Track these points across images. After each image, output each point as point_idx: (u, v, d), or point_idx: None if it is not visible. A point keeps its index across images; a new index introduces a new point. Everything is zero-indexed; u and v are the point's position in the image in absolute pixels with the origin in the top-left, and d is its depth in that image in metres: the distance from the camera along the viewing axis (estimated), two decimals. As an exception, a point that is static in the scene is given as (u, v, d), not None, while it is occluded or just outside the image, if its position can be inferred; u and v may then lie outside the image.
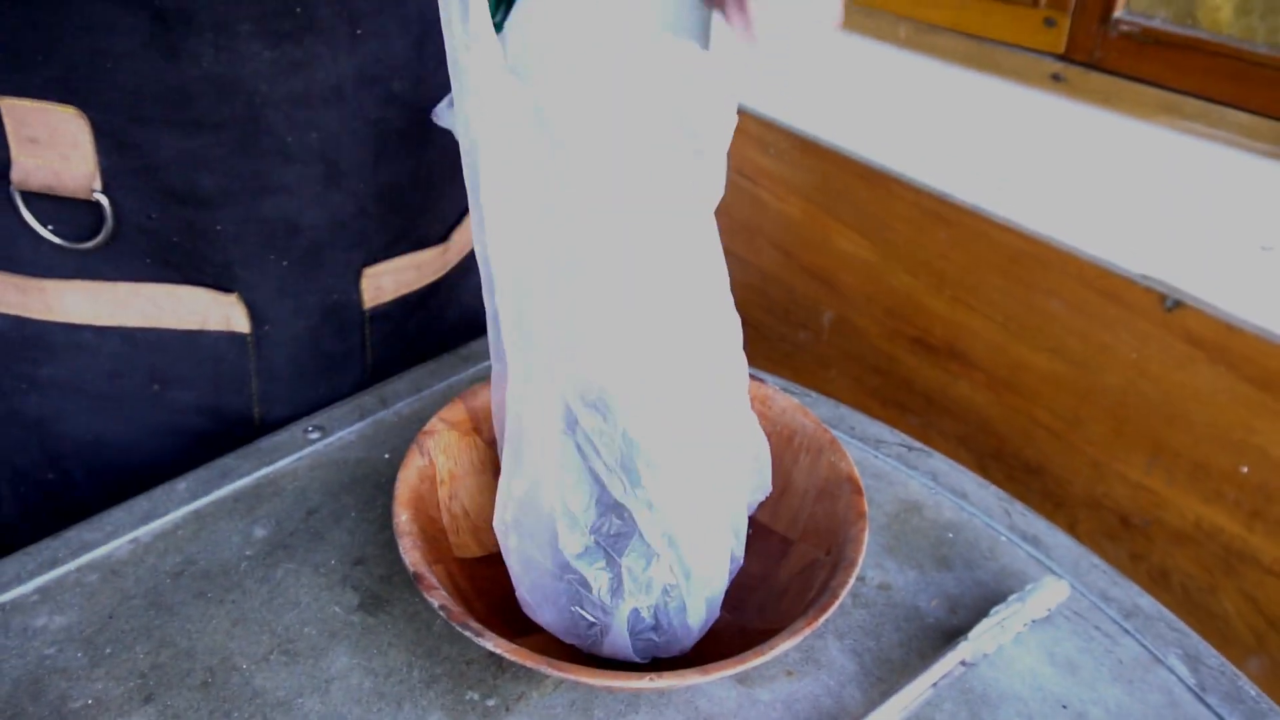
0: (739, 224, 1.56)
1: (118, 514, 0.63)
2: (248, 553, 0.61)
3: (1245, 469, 1.04)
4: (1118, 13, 1.00)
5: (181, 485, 0.65)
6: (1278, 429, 1.01)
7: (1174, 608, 1.16)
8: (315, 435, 0.70)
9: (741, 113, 1.48)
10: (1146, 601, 0.61)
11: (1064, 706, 0.54)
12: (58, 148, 0.60)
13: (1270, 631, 1.09)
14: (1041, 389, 1.20)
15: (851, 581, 0.51)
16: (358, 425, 0.71)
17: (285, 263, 0.68)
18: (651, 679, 0.46)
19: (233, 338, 0.69)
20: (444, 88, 0.52)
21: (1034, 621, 0.58)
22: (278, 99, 0.60)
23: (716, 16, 0.51)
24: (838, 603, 0.50)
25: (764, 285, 1.55)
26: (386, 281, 0.74)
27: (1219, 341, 1.03)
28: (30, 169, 0.60)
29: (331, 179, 0.65)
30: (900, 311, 1.34)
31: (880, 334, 1.38)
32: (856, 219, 1.36)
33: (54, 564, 0.59)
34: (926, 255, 1.28)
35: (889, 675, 0.55)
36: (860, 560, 0.52)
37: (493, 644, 0.47)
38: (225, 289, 0.67)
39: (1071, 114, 1.09)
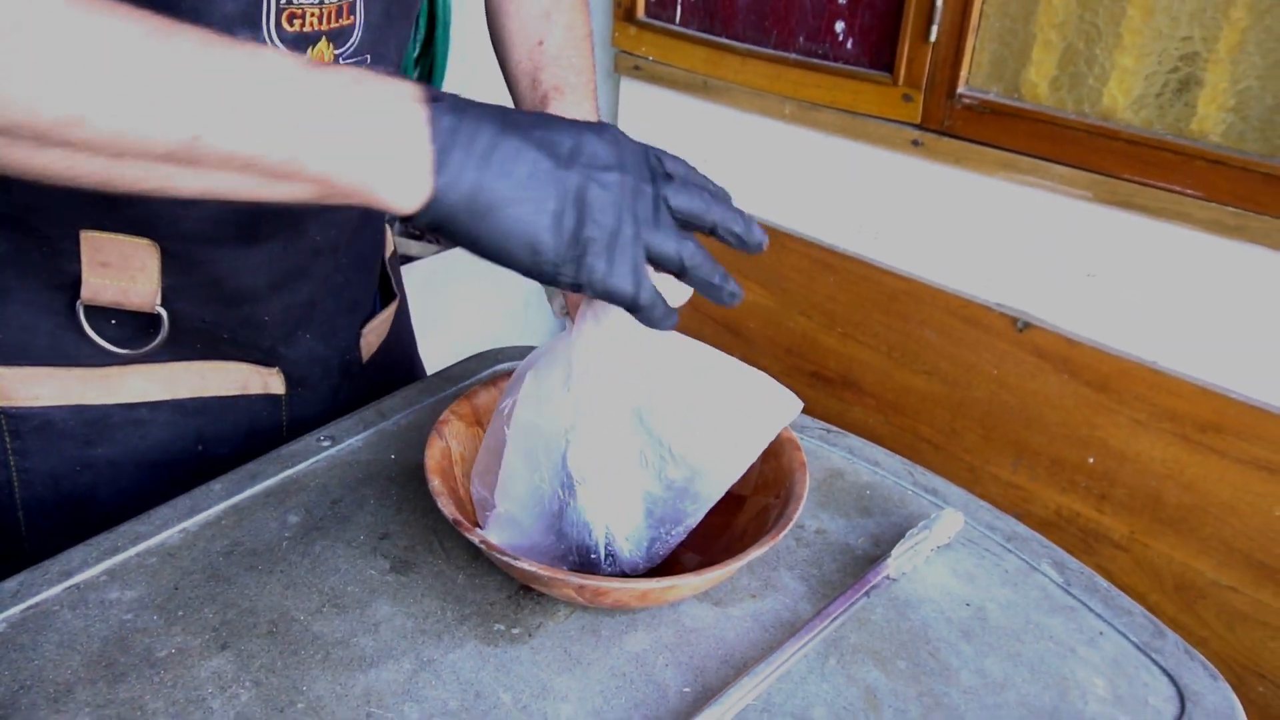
0: (648, 284, 1.73)
1: (163, 510, 0.71)
2: (286, 535, 0.70)
3: (1092, 459, 1.23)
4: (960, 89, 1.23)
5: (217, 486, 0.74)
6: (1115, 423, 1.21)
7: (1047, 592, 1.34)
8: (327, 443, 0.80)
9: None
10: (1022, 529, 0.77)
11: (967, 604, 0.69)
12: (128, 271, 0.65)
13: (1126, 601, 1.28)
14: (922, 408, 1.39)
15: (800, 510, 0.65)
16: (363, 434, 0.82)
17: (309, 336, 0.79)
18: (657, 581, 0.59)
19: (269, 399, 0.79)
20: None
21: (939, 548, 0.73)
22: (316, 207, 0.69)
23: None
24: (793, 522, 0.64)
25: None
26: (373, 337, 0.88)
27: (1062, 354, 1.23)
28: (99, 288, 0.65)
29: (334, 260, 0.78)
30: (799, 350, 1.51)
31: (782, 371, 1.55)
32: (757, 272, 1.54)
33: (114, 551, 0.67)
34: (818, 299, 1.46)
35: (831, 592, 0.69)
36: (805, 495, 0.66)
37: (528, 564, 0.58)
38: (267, 364, 0.77)
39: (930, 172, 1.30)
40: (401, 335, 0.94)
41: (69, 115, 0.37)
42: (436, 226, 0.48)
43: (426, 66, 1.58)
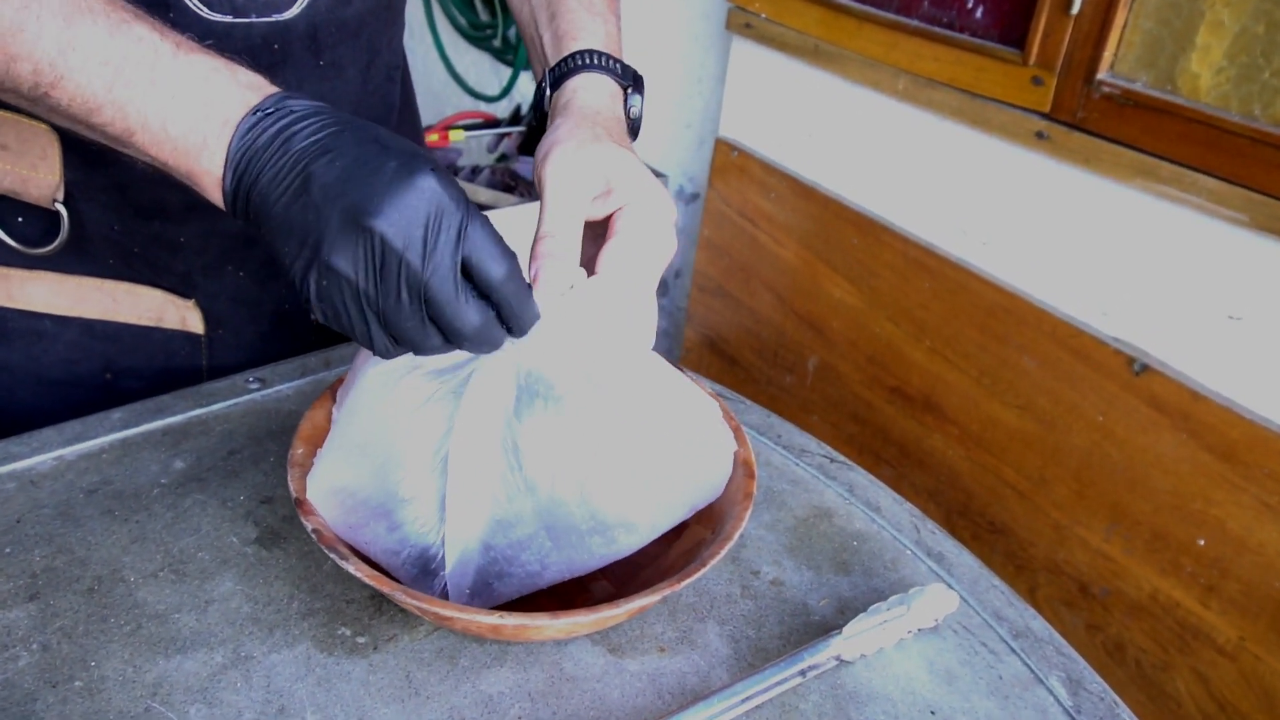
0: (737, 265, 1.58)
1: (48, 432, 0.65)
2: (163, 480, 0.62)
3: (1202, 541, 1.02)
4: (1102, 74, 1.02)
5: (116, 415, 0.67)
6: (1237, 502, 0.99)
7: (1127, 684, 1.13)
8: (255, 385, 0.72)
9: (747, 155, 1.52)
10: (1039, 625, 0.60)
11: (932, 713, 0.53)
12: (27, 157, 0.62)
13: (1220, 716, 1.06)
14: (1010, 446, 1.19)
15: (724, 553, 0.52)
16: (297, 381, 0.73)
17: (242, 274, 0.71)
18: (501, 616, 0.47)
19: (187, 337, 0.72)
20: (382, 110, 0.65)
21: (920, 630, 0.58)
22: None
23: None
24: (704, 570, 0.51)
25: (757, 327, 1.56)
26: None
27: (1183, 408, 1.02)
28: None
29: None
30: (881, 359, 1.34)
31: (861, 381, 1.38)
32: (846, 265, 1.37)
33: (-25, 469, 0.61)
34: (909, 304, 1.29)
35: (761, 663, 0.55)
36: (737, 535, 0.53)
37: (354, 568, 0.48)
38: (184, 294, 0.71)
39: (1053, 172, 1.10)
40: None
41: None
42: (254, 225, 0.48)
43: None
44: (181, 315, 0.71)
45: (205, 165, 0.47)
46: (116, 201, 0.64)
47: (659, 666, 0.54)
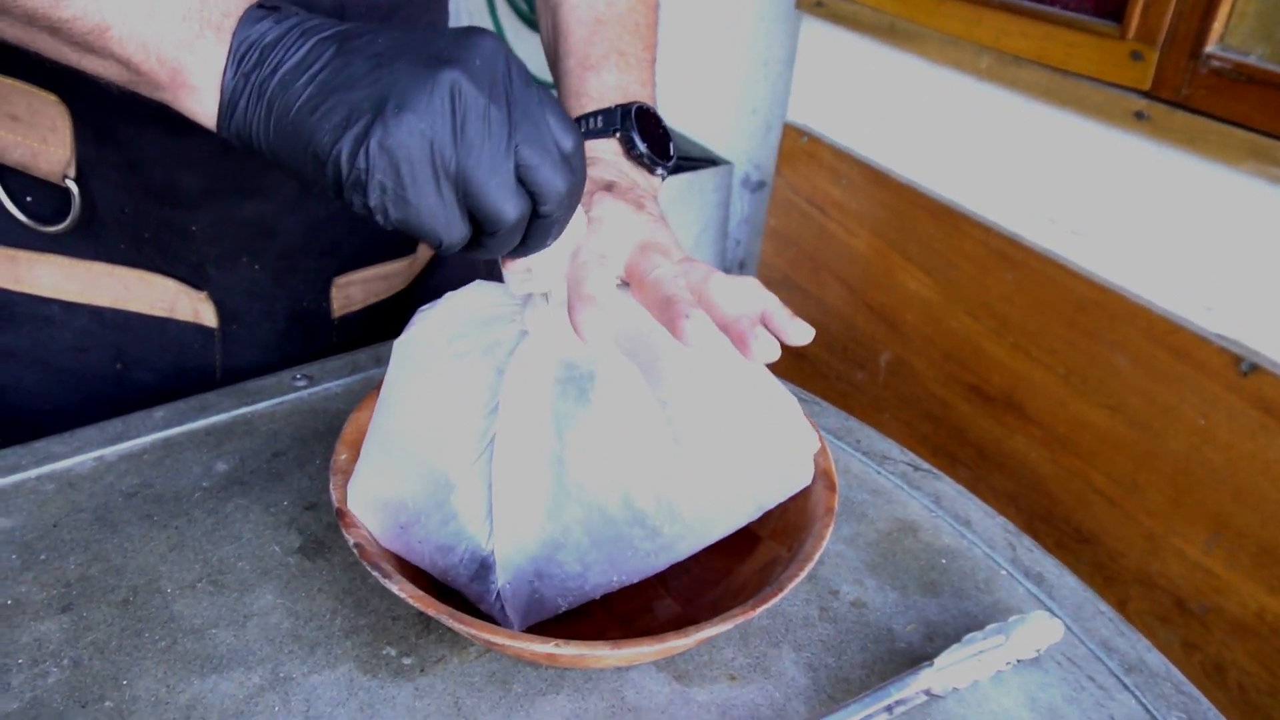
0: (805, 256, 1.52)
1: (89, 431, 0.62)
2: (204, 484, 0.59)
3: (1318, 557, 0.94)
4: (1210, 47, 0.94)
5: (159, 414, 0.65)
6: (1358, 516, 0.91)
7: (1229, 709, 1.05)
8: (302, 383, 0.69)
9: (816, 140, 1.45)
10: (1154, 658, 0.54)
11: (1036, 755, 0.48)
12: (37, 129, 0.60)
13: (1336, 745, 0.97)
14: (1100, 449, 1.12)
15: (803, 575, 0.47)
16: (346, 379, 0.70)
17: (258, 266, 0.68)
18: (557, 644, 0.42)
19: (200, 330, 0.69)
20: None
21: (1020, 661, 0.52)
22: None
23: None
24: (781, 595, 0.46)
25: (826, 321, 1.50)
26: (356, 291, 0.74)
27: (1298, 413, 0.94)
28: (8, 144, 0.60)
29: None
30: (959, 356, 1.27)
31: (937, 378, 1.31)
32: (923, 256, 1.30)
33: (14, 470, 0.59)
34: (990, 298, 1.21)
35: (842, 696, 0.50)
36: (817, 555, 0.48)
37: (397, 587, 0.44)
38: (196, 285, 0.68)
39: (1152, 155, 1.02)
40: (414, 296, 0.80)
41: None
42: (245, 141, 0.42)
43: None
44: (194, 307, 0.68)
45: (195, 63, 0.41)
46: (128, 181, 0.62)
47: (729, 697, 0.49)
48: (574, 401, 0.47)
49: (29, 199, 0.63)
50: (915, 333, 1.33)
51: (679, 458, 0.48)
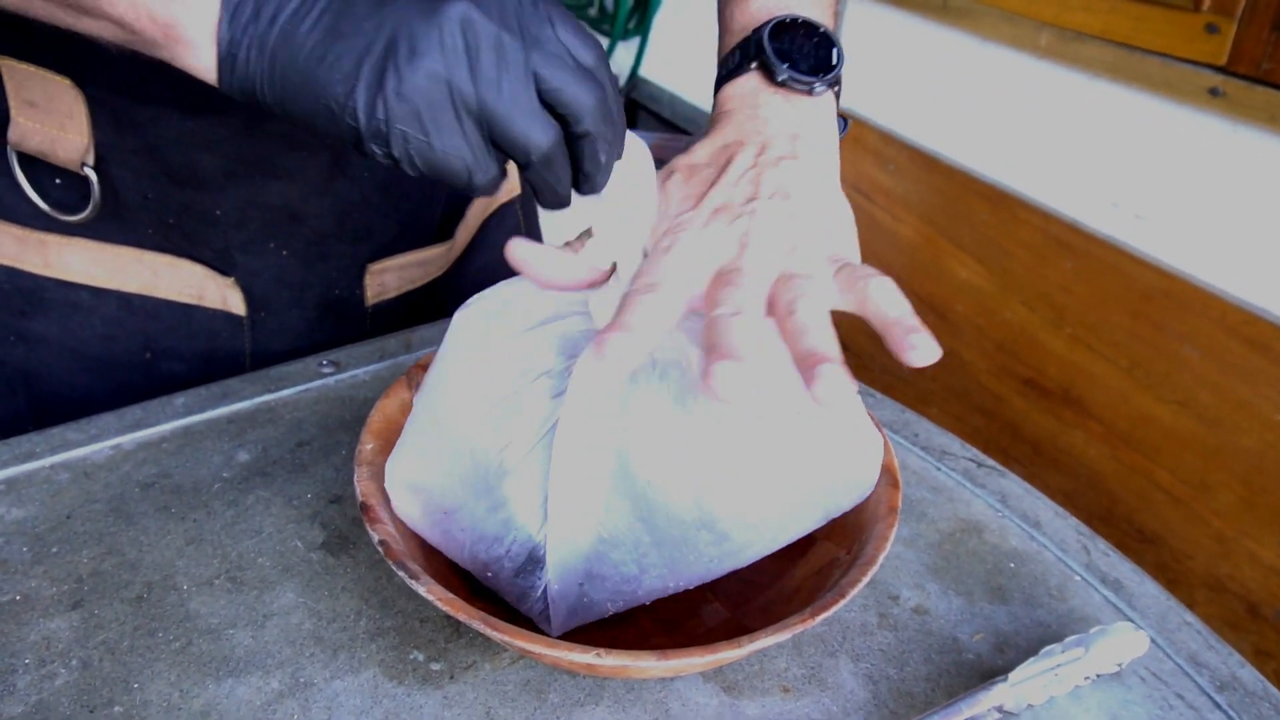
0: (849, 244, 1.47)
1: (107, 418, 0.60)
2: (225, 474, 0.57)
3: (1407, 563, 0.88)
4: (1293, 18, 0.88)
5: (180, 400, 0.62)
6: None
7: (1304, 720, 0.99)
8: (328, 369, 0.66)
9: (861, 124, 1.40)
10: (1248, 674, 0.49)
11: (1122, 782, 0.43)
12: (54, 115, 0.58)
13: None
14: (1165, 446, 1.06)
15: (865, 581, 0.43)
16: (374, 366, 0.67)
17: (286, 252, 0.65)
18: (599, 654, 0.39)
19: (229, 318, 0.67)
20: None
21: (1100, 676, 0.48)
22: None
23: None
24: (842, 602, 0.42)
25: (870, 312, 1.45)
26: (390, 279, 0.71)
27: (1386, 409, 0.88)
28: (27, 130, 0.59)
29: (336, 166, 0.63)
30: (1012, 348, 1.22)
31: (989, 371, 1.26)
32: (975, 243, 1.25)
33: (29, 458, 0.56)
34: (1047, 287, 1.16)
35: (905, 711, 0.46)
36: (880, 559, 0.44)
37: (425, 589, 0.40)
38: (223, 271, 0.65)
39: (1228, 134, 0.96)
40: (468, 289, 0.77)
41: None
42: (249, 95, 0.40)
43: None
44: (222, 294, 0.66)
45: (187, 16, 0.39)
46: (148, 166, 0.60)
47: (783, 711, 0.45)
48: (650, 394, 0.43)
49: (56, 182, 0.61)
50: (966, 323, 1.28)
51: (754, 459, 0.44)
